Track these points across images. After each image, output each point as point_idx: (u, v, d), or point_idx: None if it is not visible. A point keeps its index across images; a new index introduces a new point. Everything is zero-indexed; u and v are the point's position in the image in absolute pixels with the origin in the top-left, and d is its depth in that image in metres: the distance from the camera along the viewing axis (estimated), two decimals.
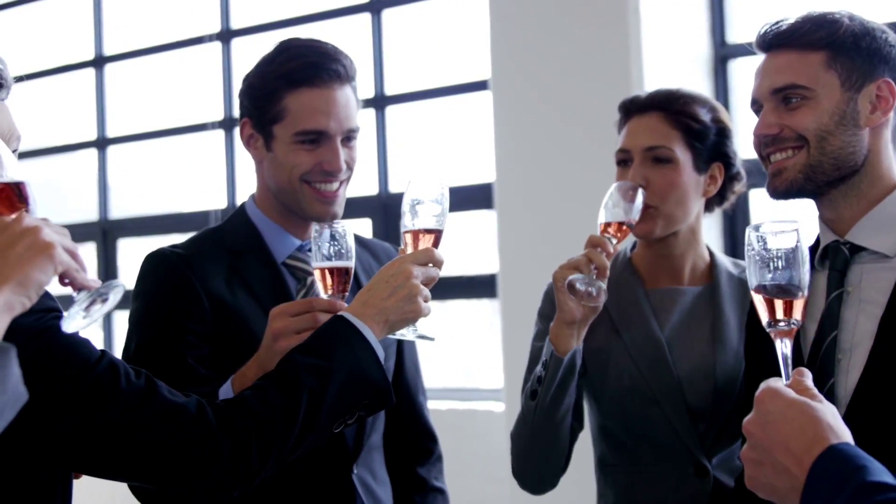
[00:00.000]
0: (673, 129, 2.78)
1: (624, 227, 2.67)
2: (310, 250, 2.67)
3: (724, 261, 2.93)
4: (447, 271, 2.46)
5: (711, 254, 2.93)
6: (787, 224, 1.86)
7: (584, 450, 2.95)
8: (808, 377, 1.76)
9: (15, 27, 8.17)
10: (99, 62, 7.58)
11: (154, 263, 2.62)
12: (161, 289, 2.58)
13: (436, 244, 2.39)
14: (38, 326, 1.82)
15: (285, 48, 2.66)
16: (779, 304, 1.88)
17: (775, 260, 1.87)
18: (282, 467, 2.10)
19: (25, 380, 1.73)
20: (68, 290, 1.76)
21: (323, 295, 2.37)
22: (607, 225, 2.67)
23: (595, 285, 2.58)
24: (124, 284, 1.80)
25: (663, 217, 2.78)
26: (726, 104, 5.17)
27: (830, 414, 1.65)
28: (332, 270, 2.37)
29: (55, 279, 1.70)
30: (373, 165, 6.28)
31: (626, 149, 2.82)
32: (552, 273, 2.63)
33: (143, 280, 2.62)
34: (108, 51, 7.57)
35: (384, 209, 6.16)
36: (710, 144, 2.81)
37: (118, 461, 1.95)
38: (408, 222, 2.40)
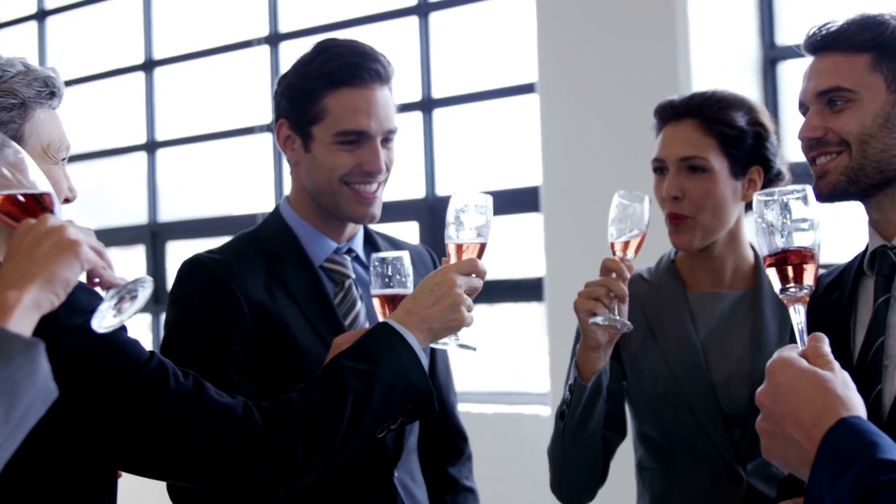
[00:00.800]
0: (707, 136, 2.75)
1: (635, 241, 2.60)
2: (346, 253, 2.69)
3: None
4: (494, 275, 2.47)
5: (756, 256, 2.88)
6: (796, 189, 1.83)
7: (626, 452, 2.94)
8: (824, 342, 1.72)
9: (66, 32, 8.23)
10: (148, 66, 7.63)
11: (192, 270, 2.58)
12: (200, 297, 2.54)
13: (479, 255, 2.39)
14: (87, 328, 1.83)
15: (324, 48, 2.64)
16: (790, 270, 1.85)
17: (785, 225, 1.83)
18: (326, 471, 2.11)
19: (75, 381, 1.75)
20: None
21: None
22: (616, 243, 2.61)
23: (617, 320, 2.54)
24: (153, 280, 1.80)
25: (701, 227, 2.76)
26: (775, 107, 5.14)
27: (842, 384, 1.62)
28: (391, 298, 2.40)
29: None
30: (419, 169, 6.29)
31: (661, 158, 2.80)
32: (573, 302, 2.59)
33: (180, 287, 2.58)
34: (157, 54, 7.62)
35: (431, 212, 6.16)
36: (747, 148, 2.77)
37: (165, 461, 1.96)
38: (452, 233, 2.41)
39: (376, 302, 2.41)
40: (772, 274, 1.88)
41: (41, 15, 8.24)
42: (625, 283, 2.54)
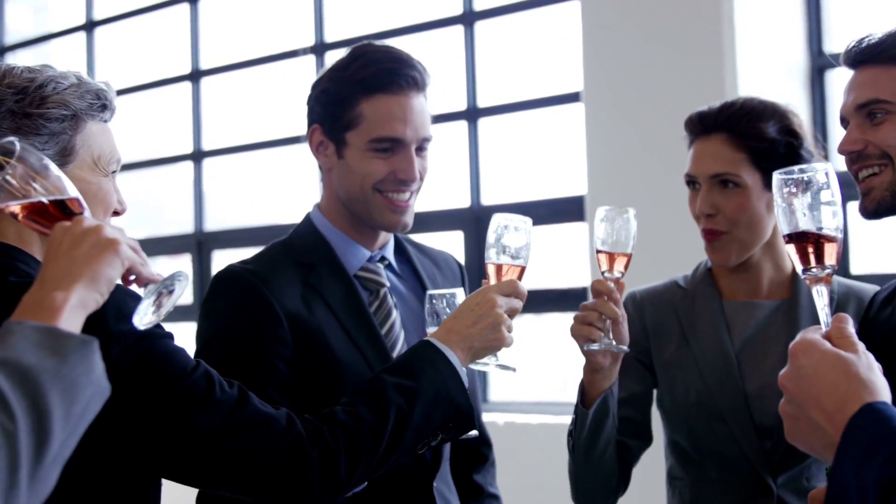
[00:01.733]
0: (738, 152, 2.71)
1: (622, 258, 2.53)
2: (379, 261, 2.68)
3: None
4: (539, 284, 2.46)
5: (794, 265, 2.85)
6: (817, 166, 1.79)
7: (657, 461, 2.94)
8: (848, 323, 1.68)
9: (114, 42, 8.29)
10: (195, 76, 7.67)
11: (227, 281, 2.55)
12: (237, 309, 2.50)
13: (520, 277, 2.39)
14: (136, 334, 1.84)
15: (360, 54, 2.62)
16: (811, 250, 1.81)
17: (805, 204, 1.79)
18: (368, 483, 2.12)
19: (123, 387, 1.76)
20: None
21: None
22: (602, 255, 2.54)
23: (612, 345, 2.51)
24: (188, 274, 1.81)
25: (736, 242, 2.74)
26: (823, 116, 5.11)
27: (866, 367, 1.58)
28: None
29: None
30: (465, 178, 6.27)
31: (692, 174, 2.78)
32: (569, 328, 2.55)
33: (215, 300, 2.54)
34: (204, 64, 7.65)
35: (476, 222, 6.14)
36: (780, 159, 2.70)
37: (209, 469, 1.97)
38: (492, 255, 2.40)
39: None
40: (792, 254, 1.84)
41: (90, 26, 8.31)
42: (617, 304, 2.49)
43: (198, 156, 7.67)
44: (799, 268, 1.83)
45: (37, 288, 1.57)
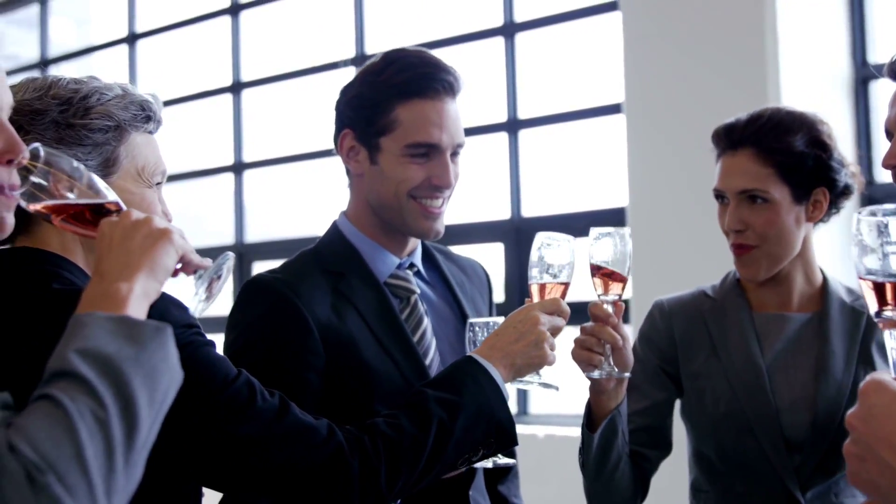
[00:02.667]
0: (766, 167, 2.68)
1: (616, 277, 2.44)
2: (409, 268, 2.66)
3: (838, 287, 2.83)
4: (580, 296, 2.43)
5: (825, 278, 2.83)
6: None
7: (681, 472, 2.92)
8: None
9: (156, 55, 8.34)
10: (236, 88, 7.70)
11: (257, 291, 2.50)
12: (269, 320, 2.45)
13: (563, 295, 2.36)
14: (180, 342, 1.84)
15: (394, 59, 2.59)
16: (888, 290, 1.75)
17: (883, 244, 1.74)
18: (407, 496, 2.10)
19: None
20: None
21: None
22: (598, 274, 2.43)
23: (614, 372, 2.45)
24: (233, 255, 1.82)
25: (766, 257, 2.71)
26: (867, 126, 5.07)
27: None
28: None
29: None
30: (505, 190, 6.26)
31: (720, 189, 2.76)
32: (570, 352, 2.49)
33: (245, 310, 2.50)
34: (245, 76, 7.68)
35: (517, 233, 6.13)
36: (808, 172, 2.69)
37: (248, 477, 1.96)
38: (535, 274, 2.38)
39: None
40: (866, 290, 1.78)
41: (132, 38, 8.36)
42: (616, 328, 2.41)
43: (238, 167, 7.70)
44: (872, 309, 1.79)
45: (96, 282, 1.57)
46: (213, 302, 1.79)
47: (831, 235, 4.71)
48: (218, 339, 2.08)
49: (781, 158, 2.67)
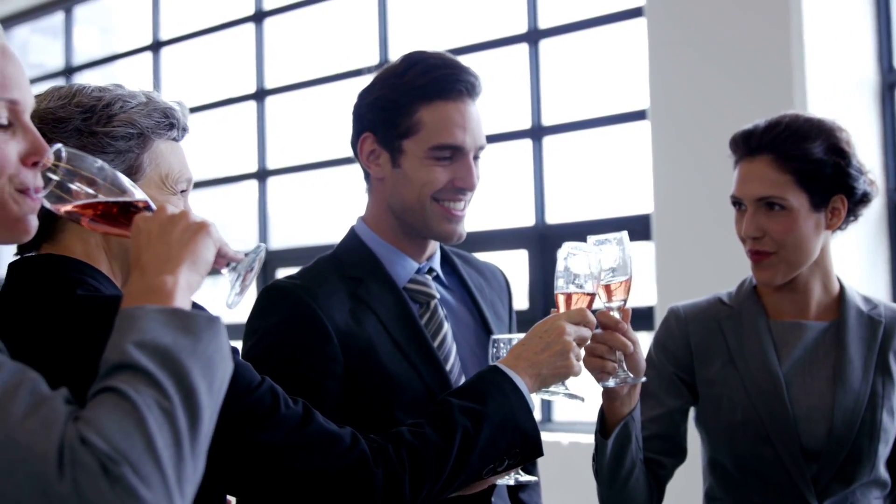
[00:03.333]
0: (784, 174, 2.66)
1: (620, 286, 2.42)
2: (428, 272, 2.64)
3: (855, 296, 2.81)
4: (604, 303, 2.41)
5: (842, 287, 2.81)
6: None
7: (695, 480, 2.91)
8: None
9: (180, 62, 8.36)
10: (260, 95, 7.71)
11: (276, 298, 2.48)
12: (287, 326, 2.43)
13: (589, 306, 2.33)
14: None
15: (416, 61, 2.57)
16: None
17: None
18: None
19: None
20: None
21: None
22: (600, 287, 2.39)
23: (628, 378, 2.43)
24: (265, 246, 1.81)
25: (784, 263, 2.70)
26: (893, 132, 5.03)
27: None
28: None
29: None
30: (529, 196, 6.24)
31: (738, 197, 2.74)
32: (582, 361, 2.41)
33: (263, 316, 2.47)
34: (269, 84, 7.69)
35: (540, 240, 6.11)
36: (827, 179, 2.67)
37: (272, 485, 1.95)
38: (561, 284, 2.34)
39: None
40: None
41: (156, 46, 8.38)
42: (626, 334, 2.39)
43: (262, 174, 7.71)
44: None
45: (137, 276, 1.57)
46: (245, 294, 1.78)
47: (848, 244, 4.69)
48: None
49: (800, 165, 2.66)
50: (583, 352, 2.30)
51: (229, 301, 1.78)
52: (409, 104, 2.52)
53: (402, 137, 2.53)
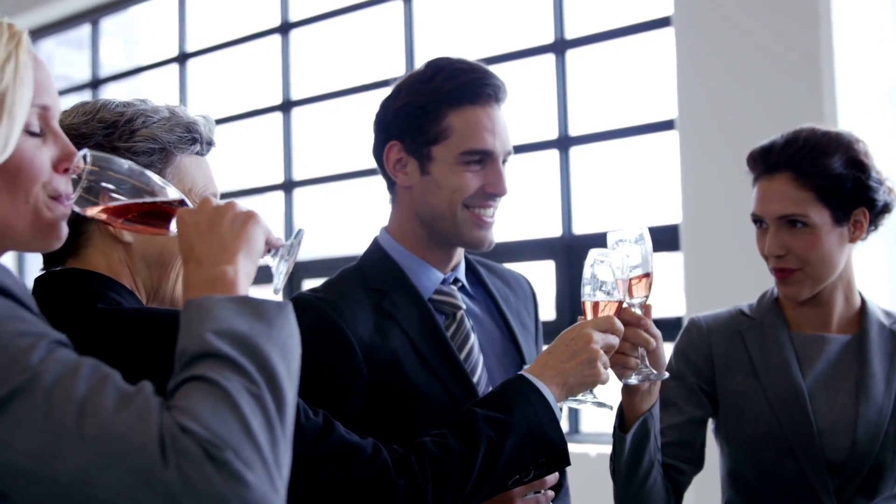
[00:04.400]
0: (804, 191, 2.65)
1: (640, 281, 2.40)
2: (453, 283, 2.61)
3: (876, 310, 2.81)
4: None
5: (863, 301, 2.81)
6: None
7: (713, 492, 2.90)
8: None
9: (206, 74, 8.37)
10: (286, 106, 7.71)
11: (299, 311, 2.26)
12: (310, 340, 2.31)
13: (616, 313, 2.31)
14: None
15: (442, 66, 2.55)
16: None
17: None
18: None
19: None
20: None
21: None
22: (620, 282, 2.36)
23: (651, 374, 2.41)
24: (304, 230, 1.82)
25: (809, 279, 2.69)
26: None
27: None
28: None
29: None
30: (556, 206, 6.22)
31: (758, 215, 2.73)
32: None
33: None
34: (295, 95, 7.69)
35: (568, 251, 6.09)
36: (848, 193, 2.66)
37: (294, 497, 1.93)
38: (588, 292, 2.32)
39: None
40: None
41: (182, 58, 8.40)
42: (648, 329, 2.37)
43: (288, 186, 7.71)
44: None
45: (194, 268, 1.58)
46: (287, 276, 1.79)
47: (869, 253, 4.65)
48: None
49: (820, 182, 2.64)
50: (608, 361, 2.27)
51: (278, 286, 1.79)
52: (437, 109, 2.50)
53: (431, 144, 2.51)
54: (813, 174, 2.64)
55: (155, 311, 1.83)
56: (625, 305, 2.38)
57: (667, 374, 2.44)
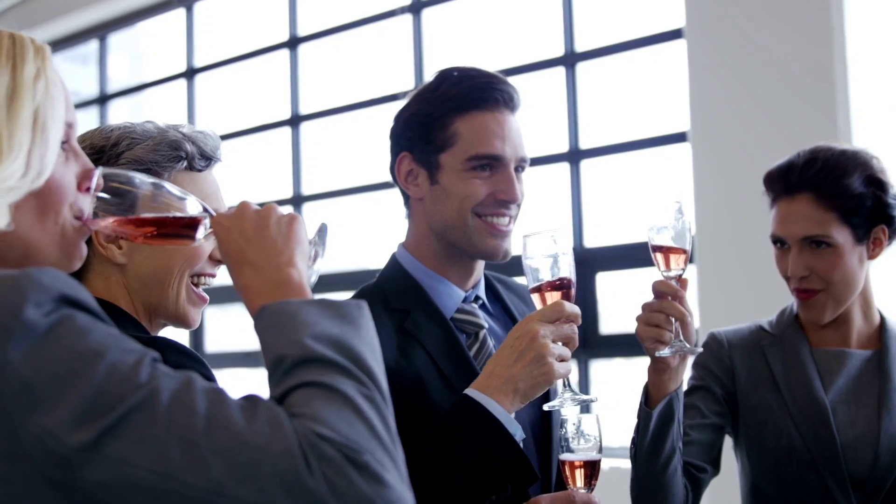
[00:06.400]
0: (827, 211, 2.64)
1: (679, 254, 2.37)
2: (474, 301, 2.55)
3: (895, 325, 2.81)
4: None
5: (882, 318, 2.81)
6: None
7: None
8: None
9: (214, 89, 8.36)
10: (295, 121, 7.69)
11: None
12: None
13: (567, 297, 2.21)
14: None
15: (448, 74, 2.50)
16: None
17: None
18: None
19: None
20: None
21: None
22: (659, 250, 2.37)
23: (685, 347, 2.37)
24: (327, 224, 1.80)
25: (832, 300, 2.69)
26: None
27: None
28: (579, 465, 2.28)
29: None
30: (567, 220, 6.18)
31: (780, 237, 2.71)
32: (635, 330, 2.42)
33: None
34: (303, 109, 7.67)
35: (579, 264, 6.01)
36: (868, 212, 2.67)
37: None
38: (530, 281, 2.26)
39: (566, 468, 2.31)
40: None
41: (190, 73, 8.38)
42: (682, 302, 2.36)
43: (297, 200, 7.68)
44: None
45: (253, 274, 1.58)
46: (318, 274, 1.77)
47: (885, 271, 4.61)
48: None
49: (841, 202, 2.64)
50: (568, 351, 2.17)
51: (312, 281, 1.76)
52: (443, 116, 2.45)
53: (438, 152, 2.45)
54: (835, 195, 2.64)
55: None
56: (661, 277, 2.35)
57: (700, 349, 2.43)
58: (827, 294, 2.68)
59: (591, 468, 2.31)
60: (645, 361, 2.45)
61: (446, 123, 2.44)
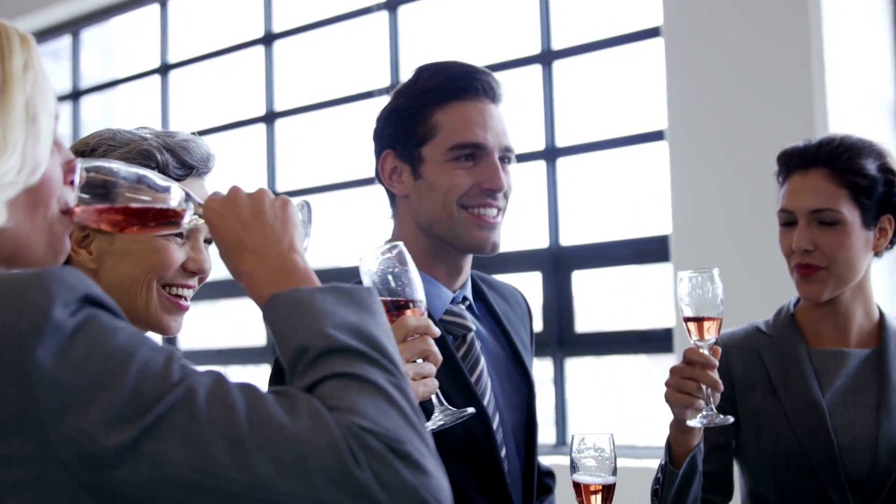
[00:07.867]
0: (839, 187, 2.64)
1: (712, 322, 2.38)
2: (462, 302, 2.52)
3: (894, 323, 2.79)
4: (622, 325, 2.33)
5: (881, 314, 2.79)
6: None
7: None
8: None
9: (188, 85, 8.32)
10: (270, 118, 7.65)
11: None
12: None
13: (414, 313, 1.98)
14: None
15: (426, 68, 2.49)
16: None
17: None
18: None
19: None
20: None
21: None
22: (692, 321, 2.38)
23: (717, 418, 2.37)
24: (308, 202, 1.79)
25: (833, 278, 2.67)
26: None
27: None
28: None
29: None
30: (543, 218, 6.17)
31: (789, 210, 2.69)
32: (664, 395, 2.41)
33: None
34: (278, 106, 7.63)
35: (555, 262, 6.03)
36: (879, 197, 2.67)
37: None
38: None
39: None
40: None
41: (164, 69, 8.33)
42: (714, 370, 2.36)
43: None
44: None
45: (256, 261, 1.57)
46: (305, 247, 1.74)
47: (886, 269, 4.61)
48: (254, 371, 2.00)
49: (855, 179, 2.64)
50: (431, 367, 1.97)
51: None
52: (423, 109, 2.43)
53: (420, 145, 2.44)
54: (849, 171, 2.64)
55: None
56: (692, 345, 2.35)
57: (731, 419, 2.39)
58: (829, 272, 2.66)
59: (607, 492, 2.32)
60: (620, 361, 2.45)
61: (426, 116, 2.42)
